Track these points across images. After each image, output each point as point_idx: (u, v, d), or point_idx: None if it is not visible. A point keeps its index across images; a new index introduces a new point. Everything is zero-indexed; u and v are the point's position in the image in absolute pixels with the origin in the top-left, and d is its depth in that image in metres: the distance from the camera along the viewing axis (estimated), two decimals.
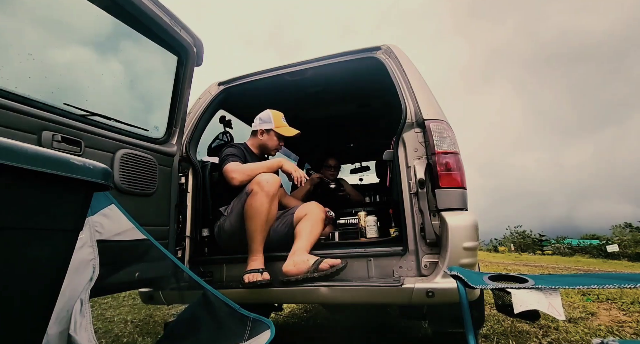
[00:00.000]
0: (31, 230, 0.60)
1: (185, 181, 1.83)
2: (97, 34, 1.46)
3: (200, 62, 1.75)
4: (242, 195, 1.71)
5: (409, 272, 1.43)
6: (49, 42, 1.29)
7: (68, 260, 0.69)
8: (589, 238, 35.28)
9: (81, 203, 0.70)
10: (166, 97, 1.71)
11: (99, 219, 1.18)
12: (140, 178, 1.51)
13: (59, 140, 1.21)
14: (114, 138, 1.43)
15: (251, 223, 1.58)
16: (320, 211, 1.75)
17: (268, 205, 1.57)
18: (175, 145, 1.75)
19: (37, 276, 0.63)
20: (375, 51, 1.81)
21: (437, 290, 1.29)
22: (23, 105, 1.12)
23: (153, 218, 1.58)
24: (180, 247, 1.75)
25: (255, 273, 1.51)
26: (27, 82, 1.20)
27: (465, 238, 1.31)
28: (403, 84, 1.63)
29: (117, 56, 1.57)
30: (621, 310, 2.89)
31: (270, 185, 1.59)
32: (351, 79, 2.20)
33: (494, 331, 2.23)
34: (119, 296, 4.01)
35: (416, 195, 1.47)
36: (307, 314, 3.17)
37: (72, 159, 0.63)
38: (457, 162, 1.44)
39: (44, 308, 0.66)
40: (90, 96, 1.42)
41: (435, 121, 1.49)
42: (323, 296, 1.42)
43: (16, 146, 0.55)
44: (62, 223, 0.66)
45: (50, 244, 0.65)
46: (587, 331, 2.22)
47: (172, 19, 1.56)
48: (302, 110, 2.76)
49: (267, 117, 2.03)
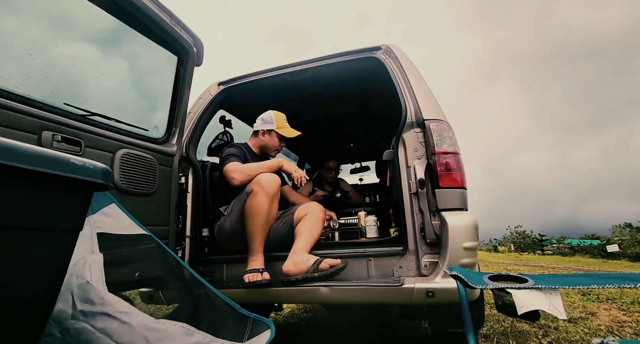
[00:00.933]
0: (31, 230, 0.60)
1: (185, 181, 1.83)
2: (97, 34, 1.46)
3: (200, 62, 1.75)
4: (242, 195, 1.71)
5: (409, 272, 1.43)
6: (49, 42, 1.29)
7: (68, 260, 0.69)
8: (589, 238, 35.28)
9: (81, 203, 0.70)
10: (166, 96, 1.71)
11: (100, 217, 1.18)
12: (140, 178, 1.51)
13: (59, 140, 1.21)
14: (114, 138, 1.43)
15: (251, 223, 1.58)
16: (320, 212, 1.75)
17: (268, 205, 1.58)
18: (175, 145, 1.75)
19: (37, 276, 0.63)
20: (375, 51, 1.81)
21: (437, 290, 1.29)
22: (23, 105, 1.12)
23: (153, 218, 1.58)
24: (180, 247, 1.75)
25: (255, 272, 1.51)
26: (27, 81, 1.20)
27: (465, 238, 1.31)
28: (403, 84, 1.63)
29: (117, 56, 1.58)
30: (621, 310, 2.89)
31: (271, 185, 1.59)
32: (351, 79, 2.20)
33: (494, 331, 2.23)
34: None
35: (416, 195, 1.47)
36: (307, 314, 3.17)
37: (72, 159, 0.63)
38: (457, 162, 1.44)
39: (44, 308, 0.65)
40: (90, 96, 1.42)
41: (435, 121, 1.49)
42: (323, 296, 1.42)
43: (16, 146, 0.54)
44: (62, 223, 0.66)
45: (50, 244, 0.64)
46: (587, 331, 2.21)
47: (172, 18, 1.56)
48: (302, 110, 2.76)
49: (269, 118, 2.03)
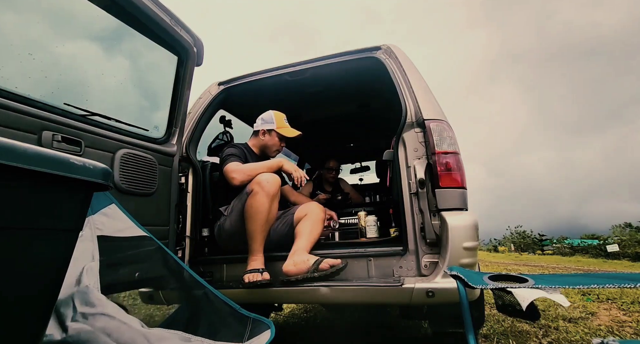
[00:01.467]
0: (31, 230, 0.60)
1: (185, 181, 1.83)
2: (97, 34, 1.46)
3: (200, 62, 1.75)
4: (242, 195, 1.71)
5: (409, 272, 1.43)
6: (49, 42, 1.29)
7: (68, 260, 0.69)
8: (590, 238, 35.29)
9: (81, 203, 0.70)
10: (166, 96, 1.71)
11: (99, 218, 1.18)
12: (140, 178, 1.51)
13: (59, 140, 1.21)
14: (114, 138, 1.43)
15: (251, 223, 1.58)
16: (320, 211, 1.75)
17: (268, 205, 1.57)
18: (175, 145, 1.75)
19: (36, 276, 0.63)
20: (375, 51, 1.81)
21: (437, 290, 1.29)
22: (23, 105, 1.12)
23: (153, 218, 1.58)
24: (180, 247, 1.75)
25: (255, 273, 1.51)
26: (27, 81, 1.20)
27: (466, 238, 1.31)
28: (403, 84, 1.63)
29: (118, 56, 1.57)
30: (621, 310, 2.89)
31: (271, 185, 1.59)
32: (351, 79, 2.20)
33: (494, 331, 2.23)
34: (119, 296, 4.01)
35: (416, 194, 1.47)
36: (307, 314, 3.16)
37: (72, 159, 0.63)
38: (457, 162, 1.44)
39: (44, 308, 0.65)
40: (90, 96, 1.42)
41: (435, 121, 1.49)
42: (323, 296, 1.42)
43: (16, 146, 0.54)
44: (62, 223, 0.66)
45: (50, 244, 0.64)
46: (587, 331, 2.21)
47: (172, 18, 1.56)
48: (302, 110, 2.76)
49: (269, 118, 2.04)
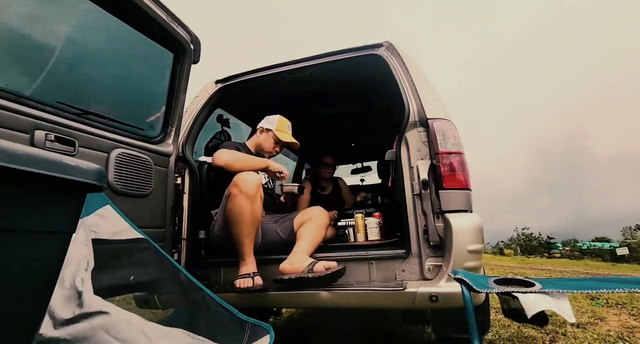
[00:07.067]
0: (23, 232, 0.60)
1: (182, 181, 1.80)
2: (92, 31, 1.44)
3: (197, 60, 1.73)
4: (223, 198, 1.64)
5: (412, 276, 1.40)
6: (41, 39, 1.27)
7: (61, 262, 0.69)
8: (599, 240, 34.91)
9: (74, 204, 0.69)
10: (162, 95, 1.68)
11: (94, 219, 1.16)
12: (135, 179, 1.48)
13: (52, 140, 1.18)
14: (108, 138, 1.41)
15: (235, 228, 1.51)
16: (325, 216, 1.73)
17: (249, 206, 1.50)
18: (171, 144, 1.72)
19: (29, 279, 0.62)
20: (377, 48, 1.77)
21: (441, 294, 1.26)
22: (15, 104, 1.09)
23: (149, 219, 1.55)
24: (176, 250, 1.71)
25: (246, 278, 1.47)
26: (19, 79, 1.18)
27: (470, 241, 1.28)
28: (406, 82, 1.60)
29: (112, 53, 1.55)
30: (631, 315, 2.81)
31: (250, 185, 1.51)
32: (352, 77, 2.17)
33: (500, 336, 2.18)
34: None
35: (419, 196, 1.44)
36: (306, 318, 3.13)
37: (65, 160, 0.62)
38: (461, 162, 1.41)
39: (36, 310, 0.65)
40: (84, 94, 1.39)
41: (439, 120, 1.46)
42: (323, 300, 1.39)
43: (7, 146, 0.53)
44: (55, 225, 0.66)
45: (42, 246, 0.64)
46: (596, 337, 2.15)
47: (169, 15, 1.54)
48: (302, 109, 2.73)
49: (273, 119, 2.04)
